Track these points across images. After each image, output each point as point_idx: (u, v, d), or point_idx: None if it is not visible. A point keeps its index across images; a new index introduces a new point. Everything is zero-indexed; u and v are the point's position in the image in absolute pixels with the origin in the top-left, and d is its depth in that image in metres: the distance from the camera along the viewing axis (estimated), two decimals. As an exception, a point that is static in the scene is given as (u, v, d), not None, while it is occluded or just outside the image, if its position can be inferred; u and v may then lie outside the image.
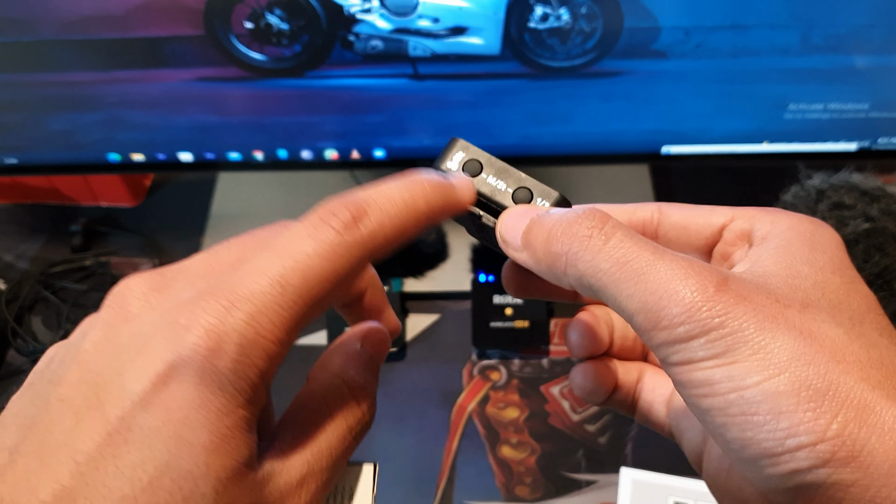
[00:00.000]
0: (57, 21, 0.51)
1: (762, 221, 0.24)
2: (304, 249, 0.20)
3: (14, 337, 0.63)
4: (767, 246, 0.23)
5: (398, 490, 0.55)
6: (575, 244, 0.22)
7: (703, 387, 0.20)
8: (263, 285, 0.19)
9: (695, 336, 0.19)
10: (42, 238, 0.72)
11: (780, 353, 0.19)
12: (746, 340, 0.19)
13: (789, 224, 0.23)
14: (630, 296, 0.20)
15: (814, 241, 0.23)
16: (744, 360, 0.19)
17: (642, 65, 0.52)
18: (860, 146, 0.58)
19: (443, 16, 0.51)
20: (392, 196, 0.22)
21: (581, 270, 0.21)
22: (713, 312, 0.19)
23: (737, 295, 0.20)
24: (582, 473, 0.56)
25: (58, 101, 0.56)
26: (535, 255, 0.23)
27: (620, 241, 0.21)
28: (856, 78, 0.53)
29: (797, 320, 0.20)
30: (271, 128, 0.58)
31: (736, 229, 0.24)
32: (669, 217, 0.26)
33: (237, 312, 0.19)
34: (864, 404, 0.18)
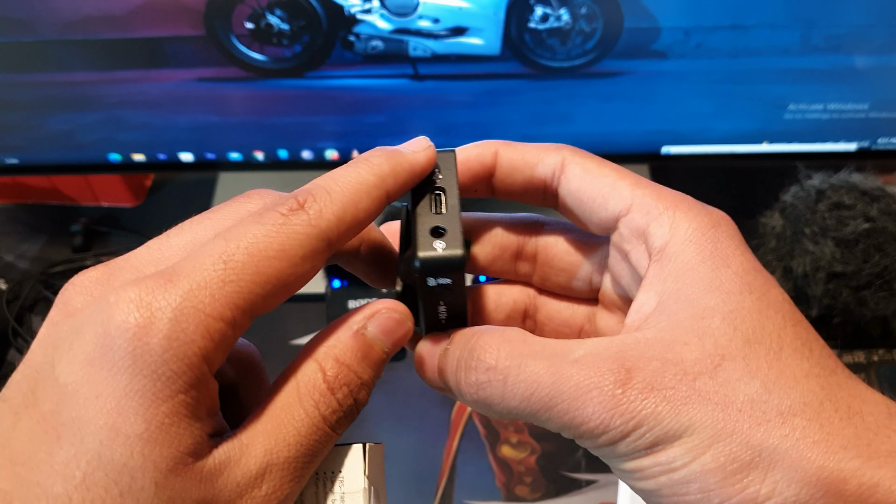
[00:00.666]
0: (58, 21, 0.51)
1: (659, 224, 0.22)
2: (250, 230, 0.20)
3: (15, 337, 0.64)
4: (666, 273, 0.22)
5: (398, 490, 0.55)
6: (482, 393, 0.22)
7: (636, 472, 0.20)
8: (205, 263, 0.19)
9: (617, 440, 0.20)
10: (43, 238, 0.72)
11: (701, 432, 0.19)
12: (665, 430, 0.19)
13: (688, 235, 0.22)
14: (548, 420, 0.21)
15: (715, 254, 0.22)
16: (668, 447, 0.19)
17: (642, 65, 0.53)
18: (860, 146, 0.58)
19: (443, 16, 0.51)
20: (336, 176, 0.22)
21: (500, 412, 0.22)
22: (626, 417, 0.19)
23: (643, 388, 0.20)
24: (582, 473, 0.56)
25: (59, 101, 0.56)
26: (460, 397, 0.23)
27: (518, 376, 0.21)
28: (856, 78, 0.53)
29: (710, 390, 0.19)
30: (272, 128, 0.58)
31: (631, 224, 0.23)
32: (569, 183, 0.24)
33: (172, 288, 0.18)
34: (792, 461, 0.19)
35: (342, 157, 0.60)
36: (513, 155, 0.25)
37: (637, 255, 0.23)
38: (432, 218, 0.23)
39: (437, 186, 0.24)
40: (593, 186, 0.24)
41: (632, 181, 0.23)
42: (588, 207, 0.24)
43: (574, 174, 0.24)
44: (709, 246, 0.22)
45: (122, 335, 0.18)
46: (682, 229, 0.22)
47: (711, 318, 0.20)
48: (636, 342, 0.21)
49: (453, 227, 0.23)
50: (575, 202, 0.24)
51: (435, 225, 0.23)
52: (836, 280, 0.53)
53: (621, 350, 0.21)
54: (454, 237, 0.22)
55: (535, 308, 0.28)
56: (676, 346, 0.20)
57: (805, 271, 0.54)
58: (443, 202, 0.24)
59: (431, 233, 0.23)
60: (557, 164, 0.24)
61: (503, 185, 0.26)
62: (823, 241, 0.53)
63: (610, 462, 0.21)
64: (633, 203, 0.23)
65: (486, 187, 0.26)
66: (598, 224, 0.24)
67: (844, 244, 0.53)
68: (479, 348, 0.22)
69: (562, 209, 0.25)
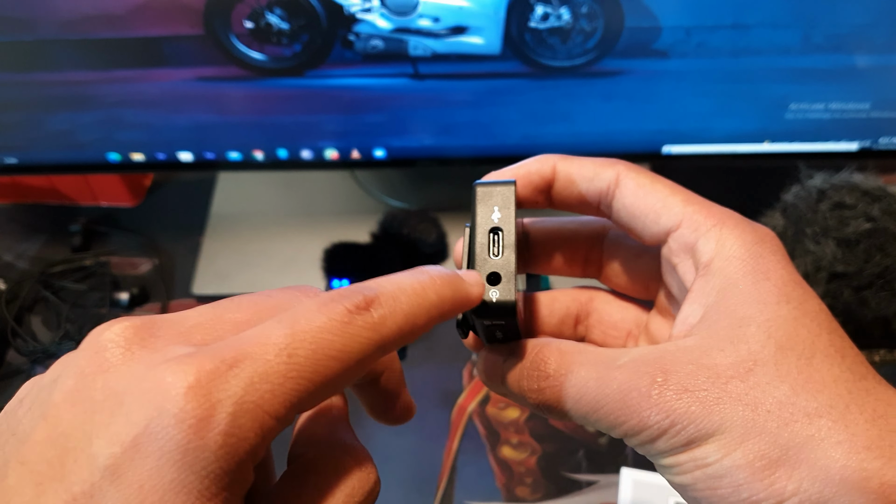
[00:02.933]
0: (57, 20, 0.50)
1: (706, 240, 0.24)
2: (316, 322, 0.19)
3: (14, 337, 0.63)
4: (710, 287, 0.23)
5: (398, 490, 0.55)
6: (542, 398, 0.24)
7: (674, 467, 0.22)
8: (269, 350, 0.18)
9: (655, 437, 0.22)
10: (42, 238, 0.72)
11: (732, 431, 0.21)
12: (699, 428, 0.21)
13: (732, 252, 0.23)
14: (597, 421, 0.23)
15: (757, 268, 0.23)
16: (702, 444, 0.21)
17: (643, 64, 0.52)
18: (861, 146, 0.58)
19: (443, 15, 0.51)
20: (403, 286, 0.21)
21: (558, 414, 0.24)
22: (662, 416, 0.21)
23: (678, 389, 0.21)
24: (582, 474, 0.56)
25: (58, 100, 0.55)
26: (523, 401, 0.25)
27: (570, 382, 0.23)
28: (857, 77, 0.53)
29: (741, 392, 0.21)
30: (271, 127, 0.58)
31: (681, 240, 0.25)
32: (623, 197, 0.26)
33: (234, 377, 0.17)
34: (817, 459, 0.20)
35: (342, 156, 0.60)
36: (570, 169, 0.27)
37: (685, 269, 0.25)
38: (489, 261, 0.24)
39: (495, 226, 0.25)
40: (646, 202, 0.25)
41: (683, 198, 0.25)
42: (640, 221, 0.26)
43: (628, 189, 0.26)
44: (751, 261, 0.23)
45: (178, 425, 0.16)
46: (727, 246, 0.24)
47: (748, 326, 0.22)
48: (676, 349, 0.22)
49: (507, 274, 0.24)
50: (628, 216, 0.26)
51: (492, 270, 0.24)
52: (838, 280, 0.53)
53: (661, 356, 0.22)
54: (507, 285, 0.24)
55: (586, 313, 0.30)
56: (712, 352, 0.22)
57: (806, 271, 0.54)
58: (500, 243, 0.25)
59: (488, 279, 0.24)
60: (612, 179, 0.26)
61: (560, 197, 0.27)
62: (825, 240, 0.53)
63: (652, 458, 0.23)
64: (683, 219, 0.25)
65: (545, 199, 0.28)
66: (649, 237, 0.26)
67: (846, 244, 0.52)
68: (540, 360, 0.24)
69: (615, 221, 0.27)
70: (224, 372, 0.17)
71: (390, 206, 0.71)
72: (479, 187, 0.26)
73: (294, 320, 0.19)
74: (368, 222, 0.65)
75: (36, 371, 0.62)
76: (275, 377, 0.17)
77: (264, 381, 0.17)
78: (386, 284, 0.21)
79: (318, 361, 0.18)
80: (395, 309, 0.20)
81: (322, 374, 0.18)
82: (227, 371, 0.17)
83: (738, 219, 0.24)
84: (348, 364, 0.19)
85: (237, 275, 0.67)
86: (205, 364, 0.17)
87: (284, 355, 0.18)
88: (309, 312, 0.19)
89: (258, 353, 0.18)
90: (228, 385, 0.17)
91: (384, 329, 0.20)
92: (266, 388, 0.17)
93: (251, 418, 0.17)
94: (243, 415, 0.17)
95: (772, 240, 0.24)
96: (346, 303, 0.19)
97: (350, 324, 0.19)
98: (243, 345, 0.18)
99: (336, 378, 0.19)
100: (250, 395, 0.17)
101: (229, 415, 0.17)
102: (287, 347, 0.18)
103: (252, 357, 0.17)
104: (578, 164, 0.27)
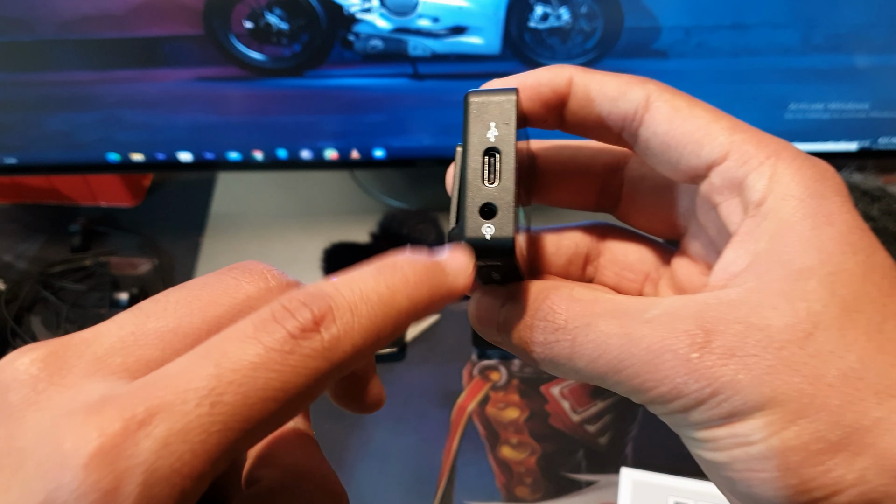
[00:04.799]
0: (56, 20, 0.50)
1: (758, 176, 0.20)
2: (247, 356, 0.15)
3: (13, 337, 0.63)
4: (762, 230, 0.20)
5: (398, 490, 0.55)
6: (549, 352, 0.21)
7: (708, 442, 0.19)
8: (187, 398, 0.15)
9: (690, 407, 0.18)
10: (41, 238, 0.72)
11: (785, 405, 0.17)
12: (745, 400, 0.18)
13: (789, 190, 0.20)
14: (616, 383, 0.20)
15: (818, 211, 0.19)
16: (747, 419, 0.18)
17: (643, 64, 0.52)
18: (861, 146, 0.58)
19: (443, 15, 0.51)
20: (365, 292, 0.18)
21: (567, 372, 0.21)
22: (702, 383, 0.18)
23: (723, 353, 0.18)
24: (582, 474, 0.56)
25: (57, 100, 0.55)
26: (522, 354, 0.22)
27: (586, 336, 0.20)
28: (856, 77, 0.53)
29: (798, 361, 0.18)
30: (271, 127, 0.58)
31: (726, 174, 0.21)
32: (655, 123, 0.21)
33: (148, 434, 0.14)
34: (886, 447, 0.17)
35: (341, 156, 0.60)
36: (590, 84, 0.22)
37: (729, 209, 0.21)
38: (483, 190, 0.20)
39: (491, 146, 0.20)
40: (684, 129, 0.21)
41: (728, 124, 0.21)
42: (676, 153, 0.21)
43: (661, 113, 0.21)
44: (812, 202, 0.19)
45: (79, 501, 0.14)
46: (783, 183, 0.20)
47: (807, 280, 0.18)
48: (718, 302, 0.19)
49: (505, 205, 0.20)
50: (660, 146, 0.22)
51: (486, 201, 0.20)
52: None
53: (701, 310, 0.19)
54: (506, 218, 0.20)
55: (597, 252, 0.26)
56: (764, 310, 0.18)
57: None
58: (497, 167, 0.20)
59: (481, 210, 0.20)
60: (641, 101, 0.21)
61: (576, 117, 0.23)
62: (824, 240, 0.53)
63: (680, 430, 0.20)
64: (730, 150, 0.20)
65: (555, 118, 0.23)
66: (685, 172, 0.22)
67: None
68: (548, 308, 0.21)
69: (641, 151, 0.22)
70: (134, 432, 0.14)
71: (390, 206, 0.71)
72: (472, 97, 0.21)
73: (221, 354, 0.15)
74: (368, 222, 0.65)
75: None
76: (195, 433, 0.15)
77: (182, 441, 0.14)
78: (344, 290, 0.18)
79: (249, 406, 0.15)
80: (353, 325, 0.17)
81: (255, 421, 0.15)
82: (137, 431, 0.14)
83: (795, 151, 0.20)
84: (289, 402, 0.16)
85: (237, 275, 0.67)
86: (111, 423, 0.14)
87: (206, 404, 0.15)
88: (240, 341, 0.16)
89: (175, 404, 0.15)
90: (138, 449, 0.14)
91: (337, 353, 0.17)
92: (184, 449, 0.14)
93: (167, 486, 0.14)
94: (156, 483, 0.14)
95: (833, 177, 0.20)
96: (290, 324, 0.16)
97: (292, 353, 0.16)
98: (158, 390, 0.15)
99: (275, 419, 0.16)
100: (165, 458, 0.14)
101: (139, 485, 0.14)
102: (210, 394, 0.15)
103: (167, 409, 0.15)
104: (601, 79, 0.22)
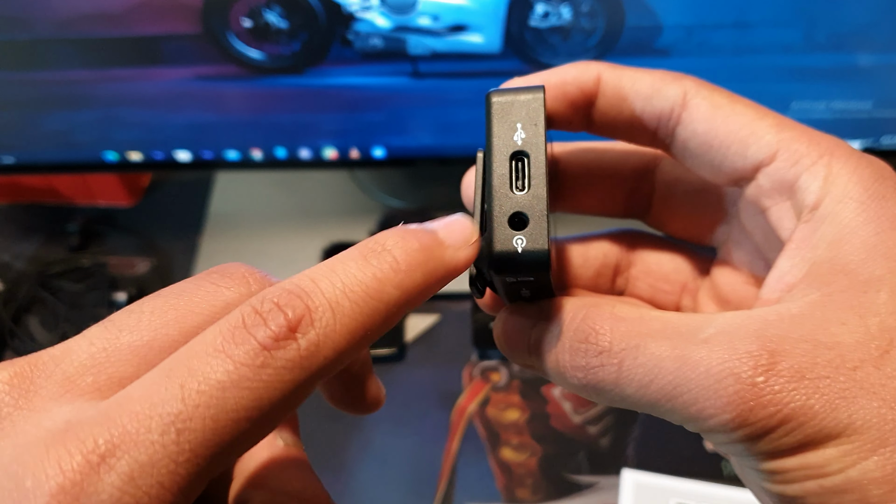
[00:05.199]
0: (54, 19, 0.50)
1: (812, 177, 0.18)
2: (215, 375, 0.14)
3: (11, 337, 0.63)
4: (819, 236, 0.18)
5: (398, 492, 0.54)
6: (592, 378, 0.19)
7: (778, 474, 0.17)
8: (151, 427, 0.14)
9: (757, 436, 0.17)
10: (39, 238, 0.72)
11: (864, 432, 0.16)
12: (819, 427, 0.16)
13: (846, 191, 0.18)
14: (669, 411, 0.18)
15: (881, 214, 0.18)
16: (821, 448, 0.16)
17: (645, 63, 0.52)
18: (863, 145, 0.58)
19: (443, 13, 0.51)
20: (349, 284, 0.16)
21: (611, 399, 0.19)
22: (770, 410, 0.16)
23: (791, 375, 0.16)
24: (583, 475, 0.56)
25: (55, 99, 0.55)
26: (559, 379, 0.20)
27: (636, 360, 0.18)
28: (859, 76, 0.53)
29: (875, 382, 0.16)
30: (270, 126, 0.57)
31: (776, 175, 0.19)
32: (693, 122, 0.20)
33: (111, 469, 0.13)
34: None
35: (341, 155, 0.60)
36: (621, 82, 0.21)
37: (780, 213, 0.19)
38: (512, 198, 0.18)
39: (518, 149, 0.19)
40: (727, 127, 0.20)
41: (775, 121, 0.19)
42: (719, 154, 0.20)
43: (700, 112, 0.20)
44: (873, 205, 0.18)
45: None
46: (840, 183, 0.18)
47: (877, 291, 0.17)
48: (779, 318, 0.17)
49: (538, 215, 0.18)
50: (701, 147, 0.20)
51: (515, 210, 0.18)
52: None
53: (762, 327, 0.17)
54: (538, 229, 0.18)
55: (628, 262, 0.24)
56: (831, 326, 0.17)
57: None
58: (526, 173, 0.18)
59: (510, 221, 0.18)
60: (678, 98, 0.20)
61: (605, 118, 0.21)
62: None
63: (743, 460, 0.18)
64: (778, 149, 0.19)
65: (581, 119, 0.22)
66: (729, 174, 0.20)
67: None
68: (589, 329, 0.19)
69: (678, 153, 0.21)
70: (96, 467, 0.13)
71: (390, 206, 0.71)
72: (494, 96, 0.19)
73: (187, 372, 0.14)
74: (368, 222, 0.65)
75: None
76: (161, 465, 0.13)
77: (147, 475, 0.13)
78: (323, 285, 0.16)
79: (219, 431, 0.14)
80: (334, 327, 0.15)
81: (227, 444, 0.14)
82: (99, 465, 0.13)
83: (849, 150, 0.19)
84: (264, 419, 0.15)
85: (235, 275, 0.67)
86: (73, 458, 0.13)
87: (172, 432, 0.14)
88: (207, 356, 0.14)
89: (139, 433, 0.14)
90: (102, 485, 0.13)
91: (317, 361, 0.15)
92: (151, 483, 0.13)
93: None
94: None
95: (892, 176, 0.19)
96: (261, 334, 0.15)
97: (265, 367, 0.14)
98: (122, 417, 0.14)
99: (250, 439, 0.15)
100: (131, 494, 0.13)
101: None
102: (176, 420, 0.14)
103: (131, 440, 0.13)
104: (632, 75, 0.21)
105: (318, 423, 0.57)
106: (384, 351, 0.60)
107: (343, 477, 0.55)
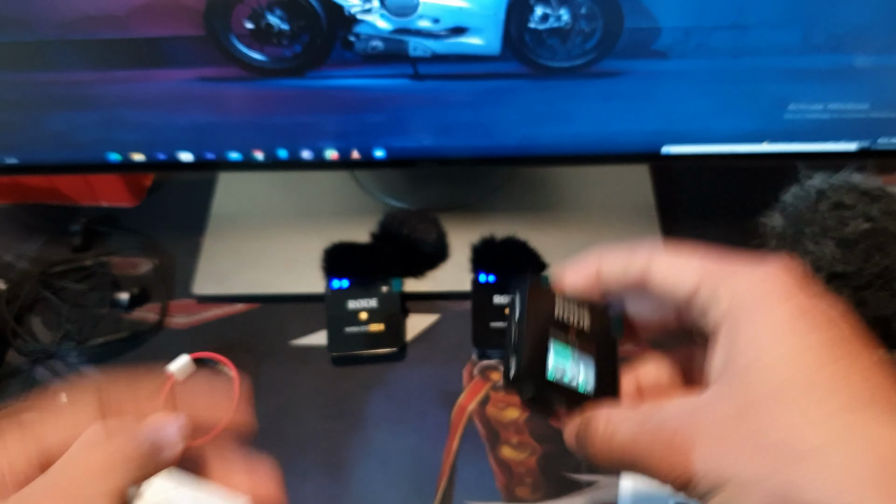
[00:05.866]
0: (57, 20, 0.51)
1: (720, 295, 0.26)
2: None
3: (14, 337, 0.63)
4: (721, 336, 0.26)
5: (398, 491, 0.55)
6: (597, 453, 0.28)
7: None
8: None
9: (681, 489, 0.25)
10: (42, 238, 0.72)
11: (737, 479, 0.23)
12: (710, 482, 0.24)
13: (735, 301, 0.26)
14: (640, 472, 0.27)
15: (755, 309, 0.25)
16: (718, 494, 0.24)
17: (642, 65, 0.52)
18: (860, 146, 0.58)
19: (443, 16, 0.51)
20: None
21: (612, 465, 0.28)
22: (677, 472, 0.25)
23: (688, 448, 0.25)
24: (583, 474, 0.56)
25: (58, 100, 0.55)
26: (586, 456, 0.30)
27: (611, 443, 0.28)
28: (856, 77, 0.53)
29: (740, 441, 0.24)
30: (271, 127, 0.58)
31: (699, 306, 0.27)
32: (655, 274, 0.29)
33: None
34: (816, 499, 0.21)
35: (342, 156, 0.60)
36: (612, 267, 0.31)
37: (708, 323, 0.27)
38: None
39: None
40: (672, 271, 0.29)
41: (699, 259, 0.28)
42: (669, 291, 0.29)
43: (659, 265, 0.29)
44: (750, 302, 0.25)
45: None
46: (737, 294, 0.26)
47: (746, 373, 0.24)
48: (691, 406, 0.25)
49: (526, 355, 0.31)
50: (662, 288, 0.29)
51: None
52: (837, 280, 0.53)
53: (677, 414, 0.26)
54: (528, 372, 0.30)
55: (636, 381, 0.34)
56: (718, 404, 0.24)
57: (805, 272, 0.54)
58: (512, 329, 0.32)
59: None
60: (644, 262, 0.29)
61: (608, 290, 0.32)
62: (824, 241, 0.53)
63: None
64: (701, 282, 0.27)
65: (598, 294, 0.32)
66: (678, 299, 0.28)
67: (845, 244, 0.52)
68: (591, 427, 0.29)
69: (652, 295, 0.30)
70: None
71: (390, 206, 0.71)
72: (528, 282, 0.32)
73: None
74: (368, 222, 0.65)
75: (36, 371, 0.62)
76: None
77: None
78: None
79: None
80: None
81: None
82: None
83: (751, 262, 0.26)
84: None
85: (237, 275, 0.67)
86: None
87: None
88: None
89: None
90: None
91: None
92: None
93: None
94: None
95: (773, 277, 0.25)
96: None
97: None
98: None
99: None
100: None
101: None
102: None
103: None
104: (612, 259, 0.31)
105: (318, 423, 0.57)
106: (384, 350, 0.60)
107: (343, 476, 0.55)
